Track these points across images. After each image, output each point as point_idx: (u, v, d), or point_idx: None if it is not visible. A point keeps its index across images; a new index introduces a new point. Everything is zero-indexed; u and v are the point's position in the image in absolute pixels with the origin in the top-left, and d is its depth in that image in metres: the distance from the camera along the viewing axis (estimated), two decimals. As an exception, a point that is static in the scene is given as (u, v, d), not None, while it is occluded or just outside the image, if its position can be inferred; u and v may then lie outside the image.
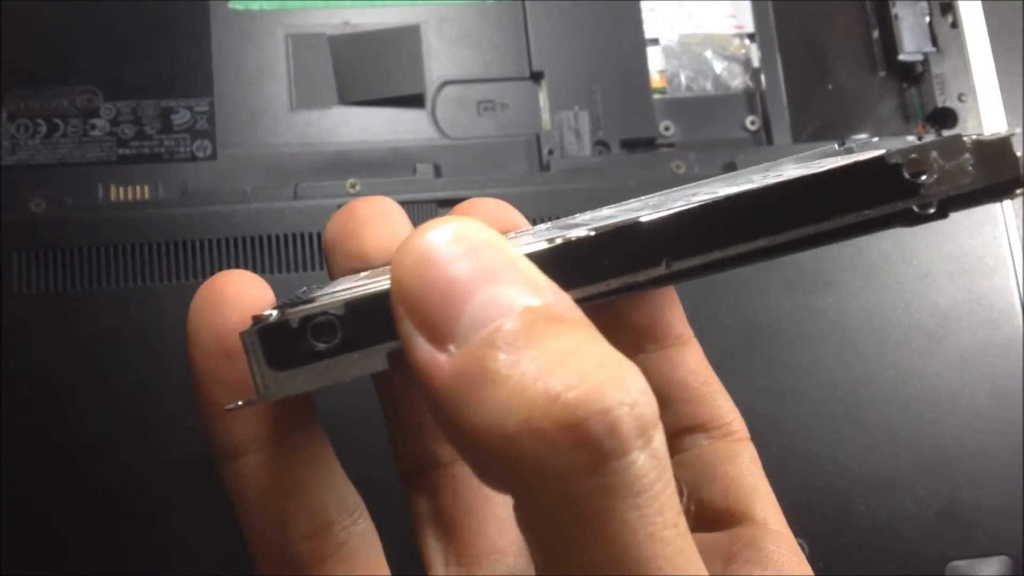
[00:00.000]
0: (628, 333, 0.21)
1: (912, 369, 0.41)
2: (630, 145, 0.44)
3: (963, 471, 0.40)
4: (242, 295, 0.18)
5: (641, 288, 0.18)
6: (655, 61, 0.46)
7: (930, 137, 0.44)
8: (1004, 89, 0.46)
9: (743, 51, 0.47)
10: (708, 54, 0.46)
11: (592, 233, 0.17)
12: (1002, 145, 0.17)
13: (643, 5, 0.46)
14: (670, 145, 0.45)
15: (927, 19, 0.45)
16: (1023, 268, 0.42)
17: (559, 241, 0.17)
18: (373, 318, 0.16)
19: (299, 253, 0.39)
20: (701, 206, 0.17)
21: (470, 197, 0.40)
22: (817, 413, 0.40)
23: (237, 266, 0.39)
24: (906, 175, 0.17)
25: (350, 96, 0.44)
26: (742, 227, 0.17)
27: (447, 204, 0.41)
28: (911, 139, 0.44)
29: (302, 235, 0.39)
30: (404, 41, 0.44)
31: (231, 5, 0.44)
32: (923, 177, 0.17)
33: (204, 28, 0.43)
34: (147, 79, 0.42)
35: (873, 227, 0.18)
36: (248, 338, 0.16)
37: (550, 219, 0.41)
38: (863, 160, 0.17)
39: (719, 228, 0.17)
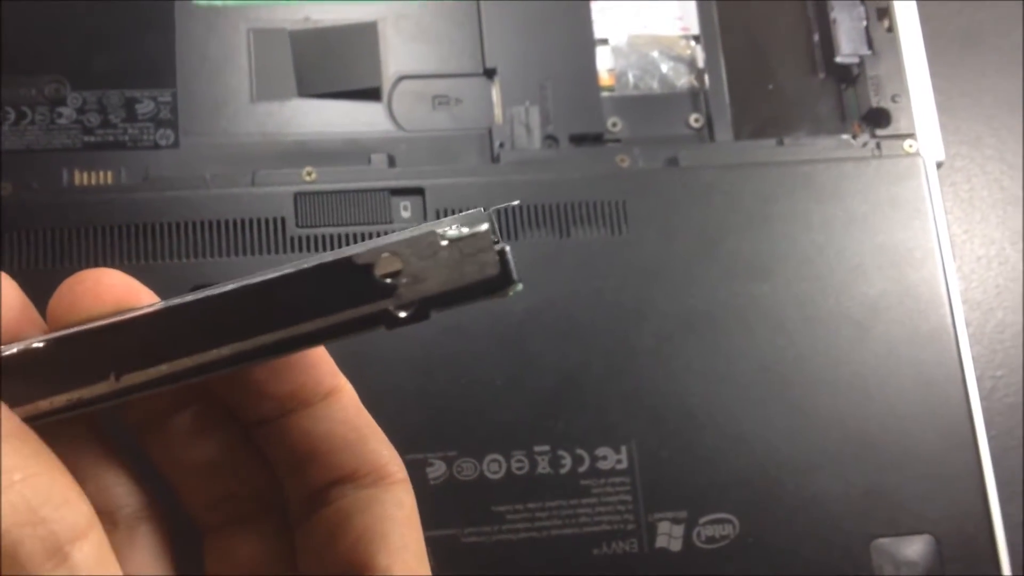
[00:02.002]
0: (273, 402, 0.20)
1: (842, 356, 0.43)
2: (578, 140, 0.46)
3: (888, 454, 0.42)
4: None
5: (91, 407, 0.16)
6: (604, 60, 0.48)
7: (864, 136, 0.46)
8: (939, 91, 0.48)
9: (689, 52, 0.49)
10: (655, 54, 0.48)
11: (41, 344, 0.16)
12: (478, 241, 0.16)
13: (593, 6, 0.48)
14: (617, 141, 0.47)
15: (864, 23, 0.48)
16: (951, 261, 0.44)
17: (13, 350, 0.16)
18: None
19: (256, 237, 0.41)
20: (157, 310, 0.16)
21: (422, 186, 0.42)
22: (750, 396, 0.42)
23: (196, 248, 0.40)
24: (377, 277, 0.16)
25: (309, 89, 0.45)
26: (202, 335, 0.16)
27: (399, 193, 0.42)
28: (846, 137, 0.46)
29: (259, 220, 0.41)
30: (362, 37, 0.46)
31: (196, 1, 0.45)
32: (397, 278, 0.16)
33: (169, 22, 0.45)
34: (113, 70, 0.44)
35: (354, 329, 0.16)
36: None
37: (500, 209, 0.43)
38: (332, 260, 0.16)
39: (174, 338, 0.16)
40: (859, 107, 0.47)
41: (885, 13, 0.48)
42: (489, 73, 0.47)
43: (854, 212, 0.44)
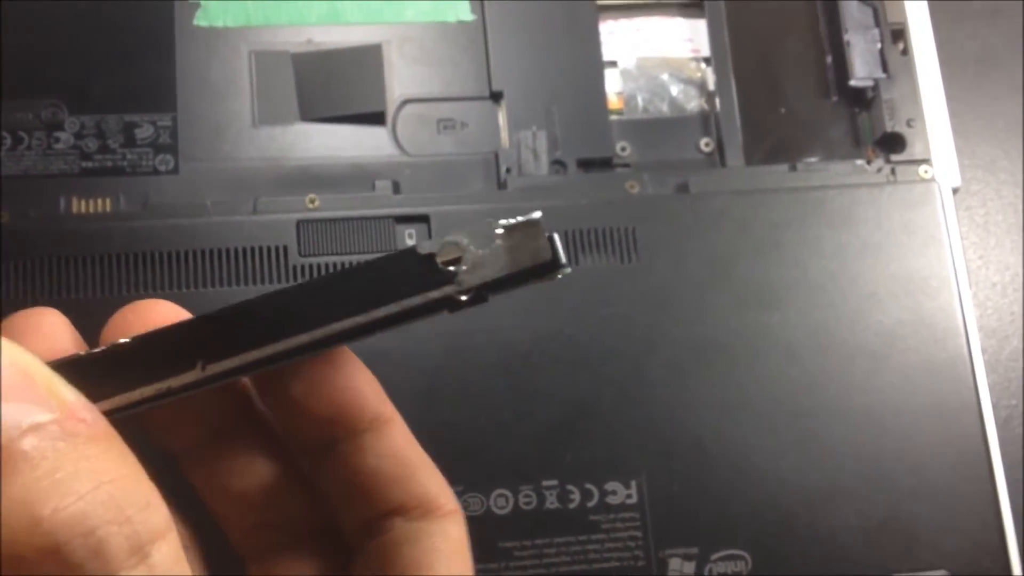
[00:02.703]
0: (314, 424, 0.20)
1: (856, 386, 0.42)
2: (586, 165, 0.45)
3: (903, 486, 0.41)
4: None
5: (175, 395, 0.18)
6: (613, 83, 0.47)
7: (879, 161, 0.45)
8: (954, 115, 0.47)
9: (699, 74, 0.48)
10: (665, 77, 0.48)
11: (129, 340, 0.18)
12: (531, 230, 0.18)
13: (602, 27, 0.47)
14: (626, 165, 0.46)
15: (879, 46, 0.47)
16: (967, 290, 0.43)
17: (100, 349, 0.18)
18: None
19: (257, 266, 0.40)
20: (234, 307, 0.18)
21: (427, 214, 0.41)
22: (762, 427, 0.41)
23: (197, 278, 0.39)
24: (439, 265, 0.18)
25: (312, 113, 0.44)
26: (280, 326, 0.18)
27: (404, 220, 0.41)
28: (860, 163, 0.45)
29: (260, 248, 0.40)
30: (366, 60, 0.45)
31: (196, 22, 0.45)
32: (457, 266, 0.18)
33: (169, 44, 0.44)
34: (112, 94, 0.43)
35: (421, 313, 0.18)
36: None
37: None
38: (398, 252, 0.18)
39: (256, 328, 0.18)
40: (873, 131, 0.46)
41: (900, 35, 0.47)
42: (495, 96, 0.46)
43: (868, 239, 0.43)
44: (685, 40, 0.48)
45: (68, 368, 0.17)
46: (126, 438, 0.16)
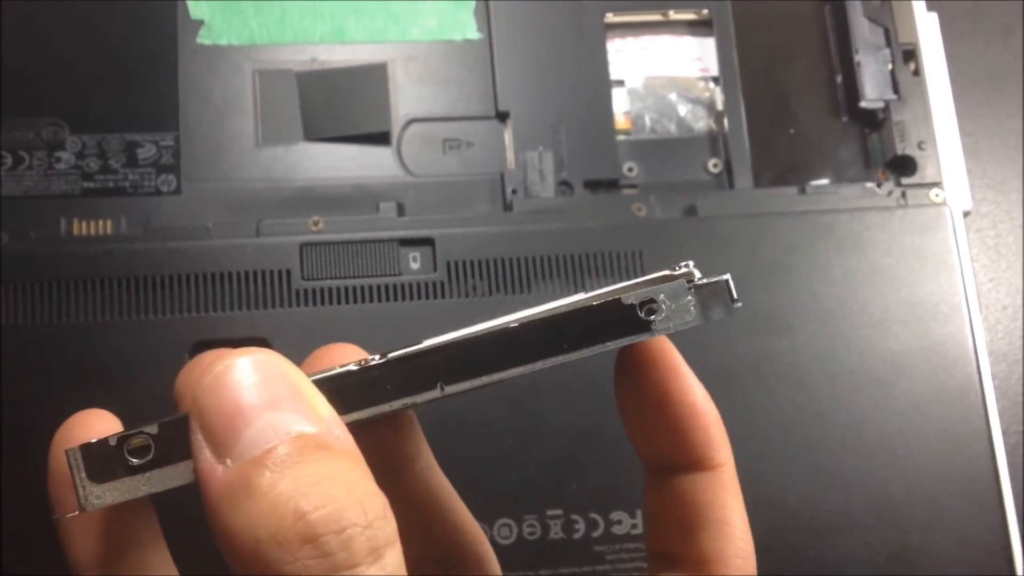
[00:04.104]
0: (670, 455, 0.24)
1: (865, 414, 0.41)
2: (593, 186, 0.45)
3: (913, 517, 0.40)
4: (88, 431, 0.21)
5: (415, 406, 0.21)
6: (620, 102, 0.47)
7: (889, 184, 0.45)
8: (965, 134, 0.47)
9: (707, 94, 0.47)
10: (673, 96, 0.47)
11: (382, 360, 0.20)
12: (719, 289, 0.22)
13: (610, 46, 0.47)
14: (633, 186, 0.45)
15: (890, 66, 0.46)
16: (978, 316, 0.43)
17: (352, 368, 0.20)
18: (181, 437, 0.18)
19: (260, 290, 0.40)
20: (473, 337, 0.20)
21: (432, 237, 0.41)
22: (769, 456, 0.40)
23: (198, 302, 0.39)
24: (640, 314, 0.20)
25: (316, 132, 0.44)
26: (506, 357, 0.20)
27: (409, 244, 0.41)
28: (870, 186, 0.45)
29: (263, 272, 0.40)
30: (371, 79, 0.45)
31: (200, 40, 0.44)
32: (653, 316, 0.21)
33: (172, 63, 0.44)
34: (113, 113, 0.43)
35: (612, 348, 0.21)
36: (72, 455, 0.19)
37: (512, 259, 0.42)
38: (607, 302, 0.21)
39: (487, 357, 0.20)
40: (884, 153, 0.46)
41: (912, 56, 0.46)
42: (501, 116, 0.45)
43: (878, 264, 0.43)
44: (694, 59, 0.48)
45: (321, 384, 0.19)
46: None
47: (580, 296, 0.21)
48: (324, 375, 0.20)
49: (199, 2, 0.44)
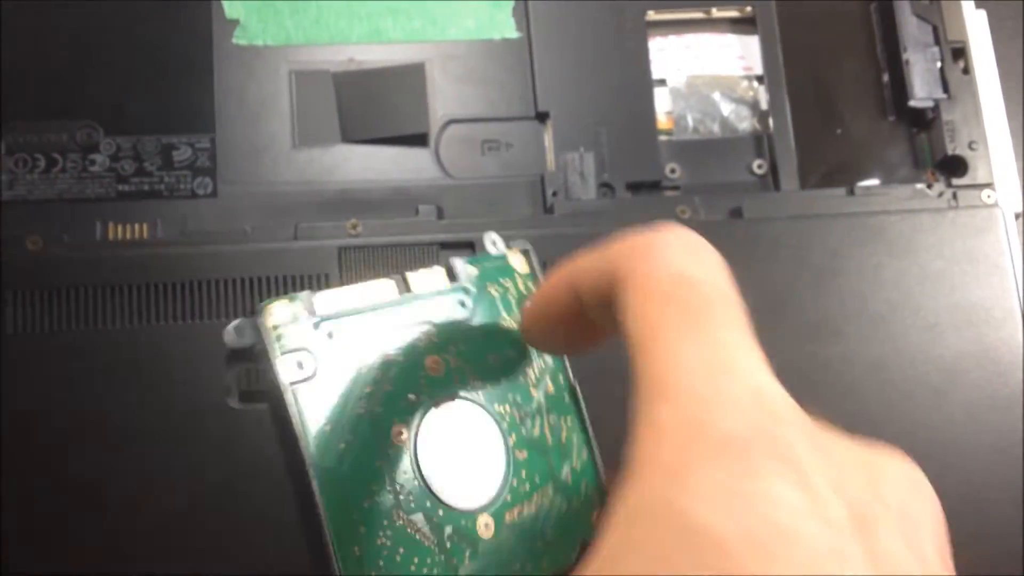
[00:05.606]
0: None
1: (917, 422, 0.40)
2: (635, 188, 0.44)
3: (966, 528, 0.39)
4: None
5: None
6: (662, 102, 0.46)
7: (939, 185, 0.44)
8: (1015, 134, 0.46)
9: (751, 93, 0.46)
10: (716, 96, 0.46)
11: None
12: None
13: (651, 45, 0.46)
14: (675, 188, 0.44)
15: (939, 64, 0.45)
16: (1032, 320, 0.41)
17: None
18: None
19: (298, 295, 0.39)
20: None
21: (472, 240, 0.40)
22: (820, 466, 0.39)
23: (234, 307, 0.38)
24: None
25: (353, 134, 0.43)
26: None
27: (449, 247, 0.40)
28: (920, 187, 0.44)
29: (302, 277, 0.39)
30: (408, 79, 0.44)
31: (235, 40, 0.43)
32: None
33: (207, 63, 0.43)
34: (148, 114, 0.42)
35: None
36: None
37: (554, 262, 0.40)
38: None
39: None
40: (933, 153, 0.45)
41: (961, 54, 0.45)
42: (541, 117, 0.44)
43: (929, 267, 0.42)
44: (737, 57, 0.47)
45: None
46: None
47: None
48: None
49: (235, 2, 0.44)
